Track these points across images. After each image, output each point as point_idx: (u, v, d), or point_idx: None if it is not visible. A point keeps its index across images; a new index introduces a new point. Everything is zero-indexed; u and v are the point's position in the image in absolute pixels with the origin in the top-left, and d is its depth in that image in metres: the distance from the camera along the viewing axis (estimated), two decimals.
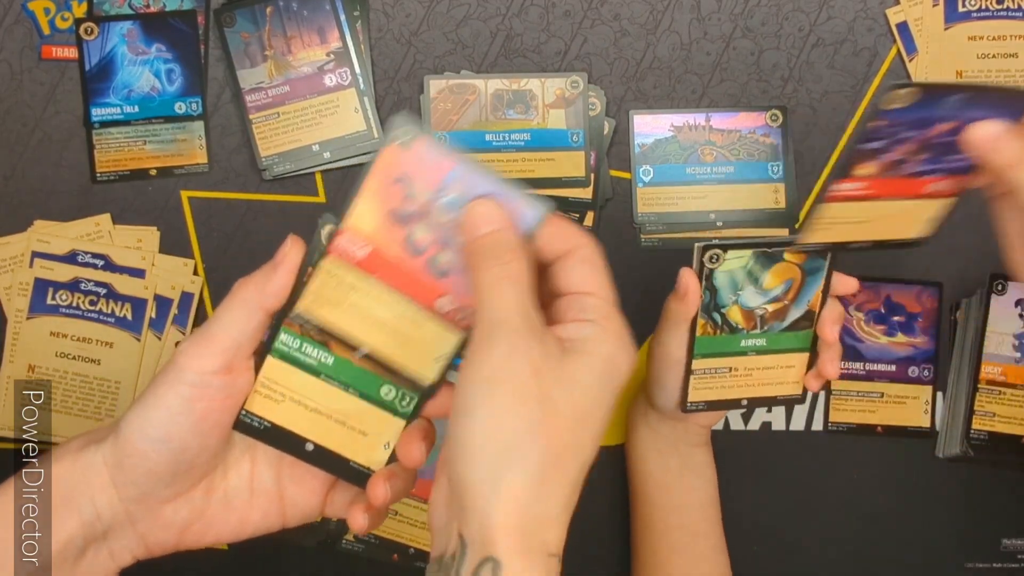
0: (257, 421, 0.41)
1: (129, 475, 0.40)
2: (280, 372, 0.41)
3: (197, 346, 0.39)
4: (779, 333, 0.53)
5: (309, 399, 0.41)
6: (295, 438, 0.41)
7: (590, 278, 0.38)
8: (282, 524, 0.44)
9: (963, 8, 0.65)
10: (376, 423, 0.42)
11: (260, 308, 0.39)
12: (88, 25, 0.64)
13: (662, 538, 0.59)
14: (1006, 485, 0.66)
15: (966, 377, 0.64)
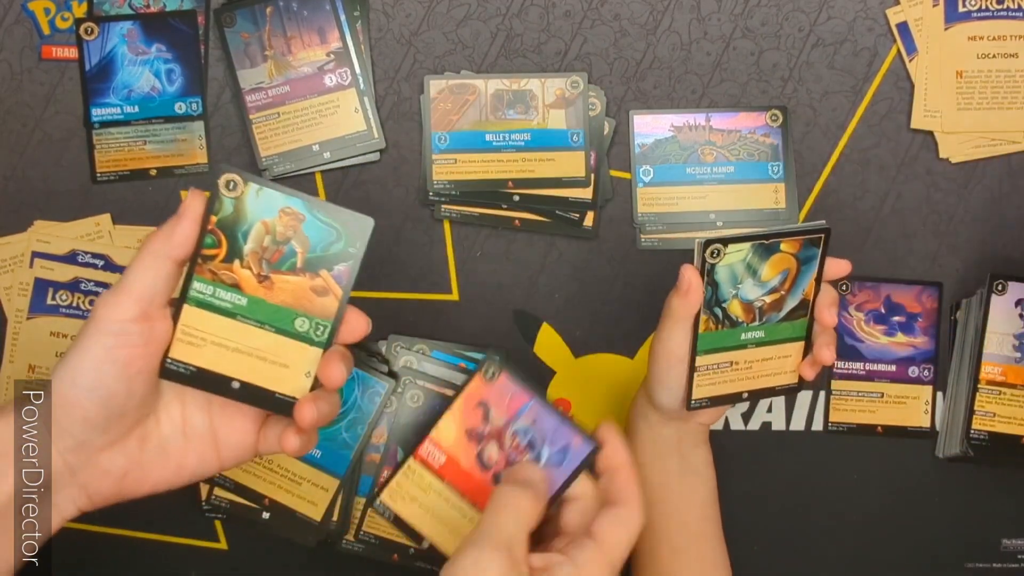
0: (182, 367, 0.43)
1: (63, 425, 0.42)
2: (198, 318, 0.43)
3: (113, 296, 0.41)
4: (776, 324, 0.54)
5: (229, 340, 0.44)
6: (220, 378, 0.44)
7: (609, 529, 0.43)
8: (219, 466, 0.46)
9: (963, 8, 0.65)
10: (294, 354, 0.44)
11: (168, 257, 0.42)
12: (88, 25, 0.64)
13: (662, 539, 0.59)
14: (1006, 485, 0.66)
15: (966, 377, 0.64)
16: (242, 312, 0.43)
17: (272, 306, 0.43)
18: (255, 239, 0.43)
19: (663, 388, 0.55)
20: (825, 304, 0.54)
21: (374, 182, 0.65)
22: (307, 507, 0.62)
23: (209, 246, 0.43)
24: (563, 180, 0.65)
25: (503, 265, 0.66)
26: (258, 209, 0.43)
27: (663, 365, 0.54)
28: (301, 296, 0.43)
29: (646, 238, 0.66)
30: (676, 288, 0.52)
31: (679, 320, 0.53)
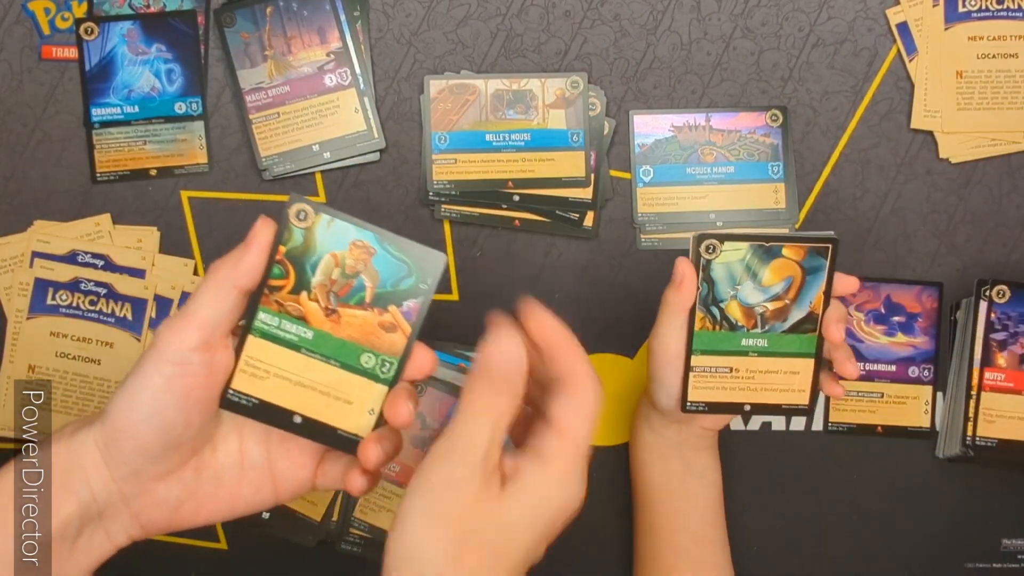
0: (244, 399, 0.42)
1: (120, 454, 0.41)
2: (262, 350, 0.42)
3: (176, 324, 0.40)
4: (781, 335, 0.53)
5: (292, 373, 0.42)
6: (282, 412, 0.43)
7: (564, 415, 0.40)
8: (275, 499, 0.45)
9: (963, 8, 0.65)
10: (359, 391, 0.43)
11: (233, 287, 0.41)
12: (88, 25, 0.64)
13: (666, 542, 0.59)
14: (1006, 485, 0.66)
15: (966, 378, 0.64)
16: (307, 345, 0.42)
17: (338, 340, 0.42)
18: (324, 271, 0.42)
19: (660, 387, 0.55)
20: (832, 320, 0.53)
21: (374, 182, 0.65)
22: (307, 507, 0.62)
23: (276, 276, 0.42)
24: (563, 180, 0.65)
25: (503, 265, 0.65)
26: (328, 241, 0.42)
27: (659, 362, 0.54)
28: (368, 331, 0.42)
29: (646, 238, 0.66)
30: (670, 281, 0.52)
31: (674, 314, 0.52)
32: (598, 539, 0.66)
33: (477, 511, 0.37)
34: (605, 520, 0.66)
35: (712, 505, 0.59)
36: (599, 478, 0.66)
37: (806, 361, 0.54)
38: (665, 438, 0.58)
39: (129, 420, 0.40)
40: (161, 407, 0.40)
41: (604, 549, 0.66)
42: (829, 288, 0.53)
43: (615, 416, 0.66)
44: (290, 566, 0.64)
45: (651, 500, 0.59)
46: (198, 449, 0.43)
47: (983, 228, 0.67)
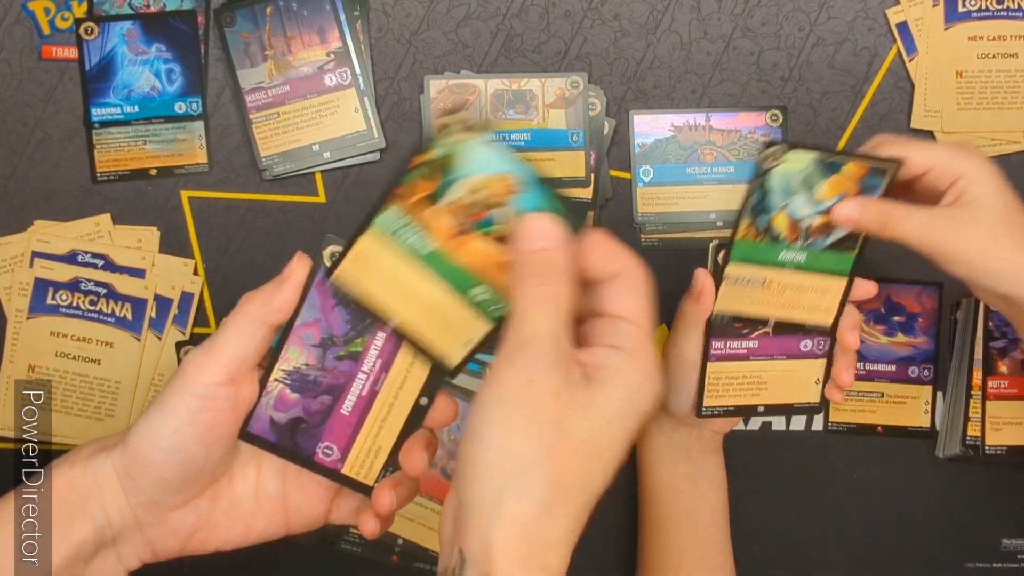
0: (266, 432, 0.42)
1: (138, 482, 0.40)
2: (377, 247, 0.40)
3: (203, 358, 0.40)
4: (820, 251, 0.51)
5: (402, 277, 0.40)
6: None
7: (630, 304, 0.38)
8: (286, 531, 0.44)
9: (963, 8, 0.65)
10: (463, 319, 0.40)
11: (264, 323, 0.40)
12: (88, 25, 0.64)
13: (672, 543, 0.59)
14: (1006, 485, 0.66)
15: (966, 378, 0.64)
16: (425, 256, 0.40)
17: (454, 266, 0.40)
18: (463, 190, 0.39)
19: (675, 394, 0.55)
20: (848, 326, 0.53)
21: (374, 182, 0.65)
22: None
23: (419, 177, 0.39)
24: (563, 180, 0.65)
25: None
26: (474, 163, 0.39)
27: (675, 370, 0.54)
28: (490, 265, 0.40)
29: (646, 238, 0.66)
30: (689, 292, 0.52)
31: (692, 324, 0.52)
32: (600, 540, 0.66)
33: (566, 406, 0.34)
34: (608, 520, 0.66)
35: (719, 507, 0.60)
36: None
37: (839, 281, 0.52)
38: (675, 441, 0.58)
39: (151, 452, 0.40)
40: (184, 441, 0.40)
41: (607, 550, 0.66)
42: (847, 293, 0.52)
43: None
44: (290, 566, 0.64)
45: (659, 501, 0.59)
46: (216, 480, 0.42)
47: None
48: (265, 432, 0.42)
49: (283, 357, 0.41)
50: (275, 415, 0.42)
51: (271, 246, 0.65)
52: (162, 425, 0.40)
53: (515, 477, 0.33)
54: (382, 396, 0.42)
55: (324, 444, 0.42)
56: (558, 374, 0.34)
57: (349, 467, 0.43)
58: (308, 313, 0.41)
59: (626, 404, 0.35)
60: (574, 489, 0.34)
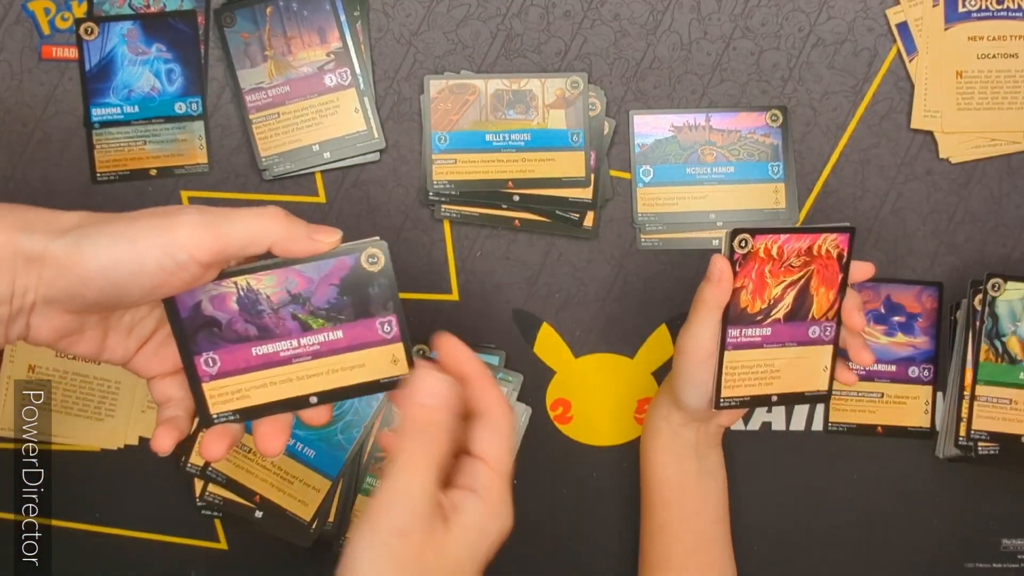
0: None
1: (58, 284, 0.38)
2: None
3: (203, 235, 0.39)
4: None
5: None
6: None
7: (491, 446, 0.42)
8: (95, 355, 0.43)
9: (963, 8, 0.65)
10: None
11: (273, 246, 0.41)
12: (88, 25, 0.64)
13: (676, 542, 0.59)
14: (1006, 485, 0.66)
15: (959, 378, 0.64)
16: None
17: None
18: None
19: (691, 386, 0.54)
20: (852, 308, 0.54)
21: (374, 182, 0.65)
22: (298, 506, 0.62)
23: (381, 450, 0.52)
24: (563, 180, 0.65)
25: (503, 265, 0.66)
26: None
27: (691, 361, 0.53)
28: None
29: (646, 238, 0.66)
30: (707, 277, 0.52)
31: (709, 310, 0.52)
32: (601, 539, 0.66)
33: (427, 554, 0.39)
34: (608, 520, 0.66)
35: (722, 505, 0.60)
36: (601, 478, 0.66)
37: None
38: (684, 438, 0.58)
39: (95, 275, 0.38)
40: (131, 285, 0.39)
41: (607, 549, 0.66)
42: (846, 276, 0.53)
43: (616, 416, 0.66)
44: (289, 566, 0.64)
45: (665, 500, 0.59)
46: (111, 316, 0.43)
47: (983, 228, 0.67)
48: (184, 307, 0.43)
49: (258, 275, 0.43)
50: (206, 304, 0.43)
51: None
52: (124, 262, 0.38)
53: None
54: (290, 369, 0.44)
55: (213, 355, 0.44)
56: (425, 528, 0.39)
57: (211, 389, 0.44)
58: (311, 269, 0.43)
59: (475, 544, 0.41)
60: None
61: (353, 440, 0.62)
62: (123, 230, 0.39)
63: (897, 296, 0.66)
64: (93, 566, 0.64)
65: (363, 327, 0.44)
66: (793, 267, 0.52)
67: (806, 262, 0.52)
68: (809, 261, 0.52)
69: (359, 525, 0.39)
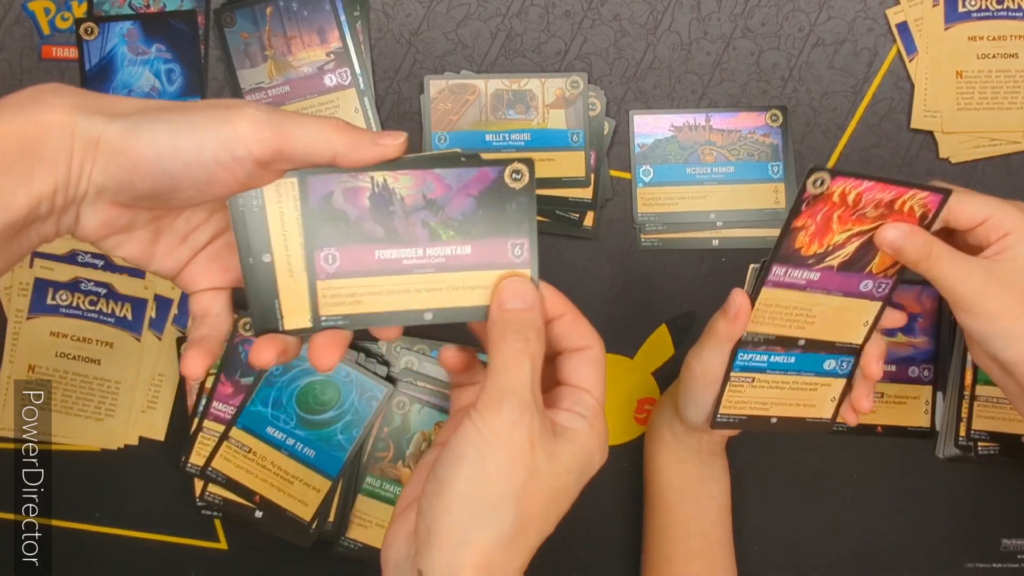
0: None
1: (110, 171, 0.36)
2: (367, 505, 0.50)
3: (266, 130, 0.37)
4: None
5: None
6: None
7: (591, 378, 0.42)
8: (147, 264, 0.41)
9: (963, 8, 0.65)
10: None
11: (334, 155, 0.38)
12: (88, 25, 0.64)
13: (679, 544, 0.59)
14: (1006, 485, 0.66)
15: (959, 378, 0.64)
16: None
17: None
18: (415, 445, 0.59)
19: (693, 403, 0.54)
20: (874, 356, 0.52)
21: None
22: (297, 506, 0.62)
23: (381, 450, 0.61)
24: (563, 180, 0.65)
25: None
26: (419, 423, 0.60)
27: (697, 384, 0.53)
28: None
29: (646, 238, 0.66)
30: (723, 311, 0.51)
31: (722, 343, 0.51)
32: (603, 539, 0.66)
33: (538, 454, 0.38)
34: (608, 520, 0.66)
35: (724, 508, 0.60)
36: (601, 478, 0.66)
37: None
38: (687, 444, 0.59)
39: (151, 162, 0.36)
40: (186, 176, 0.37)
41: (610, 550, 0.66)
42: (877, 322, 0.51)
43: (617, 416, 0.66)
44: (289, 566, 0.64)
45: (667, 503, 0.59)
46: (171, 213, 0.40)
47: None
48: (315, 195, 0.39)
49: (397, 173, 0.39)
50: (338, 196, 0.39)
51: None
52: (181, 150, 0.36)
53: (488, 510, 0.37)
54: (410, 279, 0.41)
55: (334, 252, 0.40)
56: (537, 424, 0.38)
57: (324, 288, 0.40)
58: (451, 176, 0.40)
59: (584, 464, 0.40)
60: (534, 528, 0.38)
61: (353, 440, 0.62)
62: (182, 117, 0.37)
63: (897, 296, 0.66)
64: (93, 566, 0.64)
65: (493, 246, 0.41)
66: (867, 217, 0.49)
67: (883, 215, 0.48)
68: (887, 214, 0.48)
69: (466, 421, 0.37)
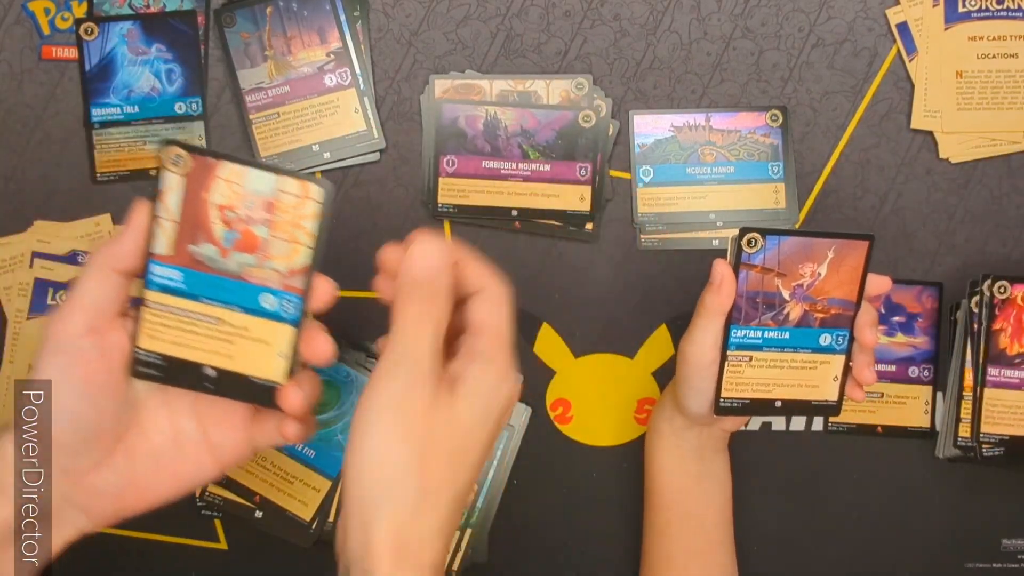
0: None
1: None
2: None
3: (60, 314, 0.41)
4: None
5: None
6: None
7: (489, 314, 0.42)
8: (218, 469, 0.45)
9: (963, 8, 0.65)
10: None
11: (113, 269, 0.41)
12: (88, 25, 0.64)
13: (679, 544, 0.59)
14: (1006, 485, 0.66)
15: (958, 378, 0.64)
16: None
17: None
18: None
19: (693, 392, 0.54)
20: (866, 323, 0.53)
21: (374, 182, 0.65)
22: (298, 506, 0.62)
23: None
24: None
25: (503, 265, 0.65)
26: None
27: (693, 368, 0.53)
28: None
29: (646, 238, 0.66)
30: (709, 283, 0.51)
31: (712, 316, 0.51)
32: (603, 539, 0.66)
33: (433, 417, 0.38)
34: (608, 520, 0.66)
35: (725, 508, 0.60)
36: (601, 478, 0.66)
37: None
38: (687, 441, 0.58)
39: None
40: (66, 400, 0.40)
41: (608, 549, 0.66)
42: (862, 290, 0.52)
43: (616, 416, 0.66)
44: (289, 566, 0.64)
45: (667, 502, 0.59)
46: (122, 435, 0.43)
47: (983, 228, 0.66)
48: (446, 117, 0.46)
49: (505, 108, 0.51)
50: (461, 119, 0.49)
51: None
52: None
53: (390, 484, 0.37)
54: (505, 184, 0.54)
55: (453, 158, 0.49)
56: (429, 390, 0.38)
57: (444, 184, 0.49)
58: (542, 114, 0.54)
59: (484, 410, 0.40)
60: (442, 490, 0.38)
61: None
62: (29, 375, 0.41)
63: (897, 296, 0.66)
64: (93, 566, 0.64)
65: (566, 167, 0.61)
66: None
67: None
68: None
69: (363, 395, 0.39)
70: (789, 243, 0.50)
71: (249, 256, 0.42)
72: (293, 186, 0.42)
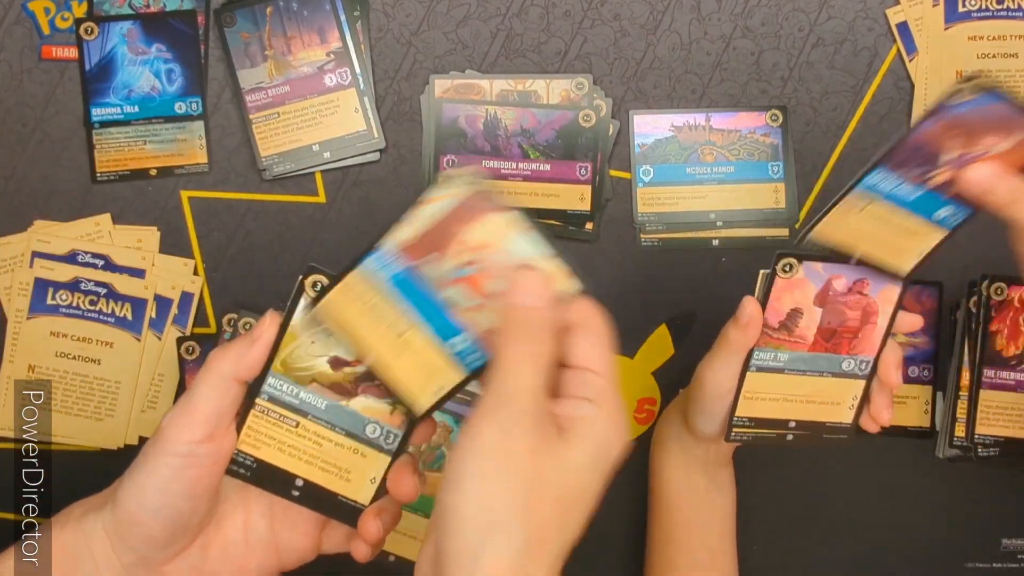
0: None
1: (128, 542, 0.41)
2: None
3: (180, 418, 0.41)
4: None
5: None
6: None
7: (595, 354, 0.39)
8: (279, 568, 0.45)
9: (963, 8, 0.65)
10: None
11: (236, 380, 0.41)
12: (88, 25, 0.63)
13: (682, 553, 0.59)
14: (1006, 485, 0.66)
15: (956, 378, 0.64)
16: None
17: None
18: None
19: (705, 416, 0.54)
20: (892, 363, 0.52)
21: (374, 182, 0.65)
22: None
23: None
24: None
25: None
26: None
27: (708, 395, 0.53)
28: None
29: (646, 238, 0.66)
30: (735, 319, 0.50)
31: (733, 352, 0.51)
32: (602, 540, 0.66)
33: (540, 459, 0.35)
34: (608, 521, 0.65)
35: (729, 518, 0.60)
36: None
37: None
38: (694, 455, 0.58)
39: (138, 512, 0.41)
40: (169, 499, 0.40)
41: (608, 550, 0.66)
42: (891, 327, 0.51)
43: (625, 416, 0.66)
44: None
45: (672, 512, 0.59)
46: (204, 528, 0.43)
47: (983, 228, 0.66)
48: (447, 117, 0.46)
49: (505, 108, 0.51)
50: (461, 119, 0.50)
51: (271, 246, 0.65)
52: (147, 485, 0.40)
53: (493, 529, 0.34)
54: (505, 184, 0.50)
55: (454, 158, 0.49)
56: (536, 430, 0.35)
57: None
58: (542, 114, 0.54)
59: (597, 456, 0.37)
60: (550, 539, 0.35)
61: None
62: (135, 466, 0.41)
63: None
64: None
65: (566, 166, 0.60)
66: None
67: None
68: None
69: (462, 434, 0.36)
70: (993, 108, 0.45)
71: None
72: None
